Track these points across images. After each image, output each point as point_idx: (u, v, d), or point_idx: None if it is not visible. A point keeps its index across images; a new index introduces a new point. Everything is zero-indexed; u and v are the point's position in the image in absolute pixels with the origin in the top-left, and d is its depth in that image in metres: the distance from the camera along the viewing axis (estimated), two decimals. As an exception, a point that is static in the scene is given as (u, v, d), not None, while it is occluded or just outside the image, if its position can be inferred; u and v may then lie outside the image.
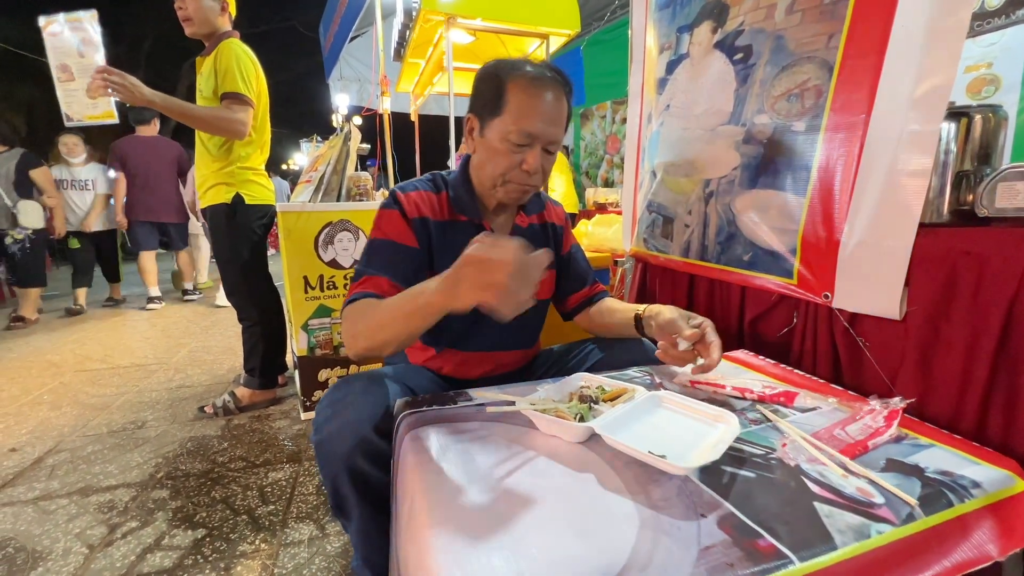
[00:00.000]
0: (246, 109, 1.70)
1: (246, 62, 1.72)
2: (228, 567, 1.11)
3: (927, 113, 0.72)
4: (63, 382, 2.35)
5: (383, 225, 0.88)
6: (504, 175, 0.86)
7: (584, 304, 1.07)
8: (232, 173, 1.78)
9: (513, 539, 0.46)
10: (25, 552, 1.17)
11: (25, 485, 1.46)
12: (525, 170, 0.85)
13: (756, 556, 0.43)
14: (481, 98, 0.86)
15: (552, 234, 1.06)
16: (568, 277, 1.08)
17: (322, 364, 1.85)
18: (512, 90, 0.82)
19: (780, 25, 0.94)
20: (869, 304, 0.82)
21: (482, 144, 0.87)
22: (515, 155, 0.84)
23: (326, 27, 4.48)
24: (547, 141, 0.84)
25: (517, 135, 0.82)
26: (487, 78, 0.86)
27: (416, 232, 0.88)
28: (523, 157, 0.84)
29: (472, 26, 2.28)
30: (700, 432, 0.65)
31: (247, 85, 1.70)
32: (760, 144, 0.98)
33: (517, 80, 0.83)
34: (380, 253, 0.86)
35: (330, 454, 0.71)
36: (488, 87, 0.85)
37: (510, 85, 0.83)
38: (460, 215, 0.93)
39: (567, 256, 1.08)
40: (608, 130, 5.03)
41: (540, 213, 1.06)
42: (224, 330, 3.24)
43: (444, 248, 0.91)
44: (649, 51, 1.34)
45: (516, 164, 0.85)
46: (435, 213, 0.91)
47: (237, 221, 1.80)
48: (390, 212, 0.89)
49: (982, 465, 0.58)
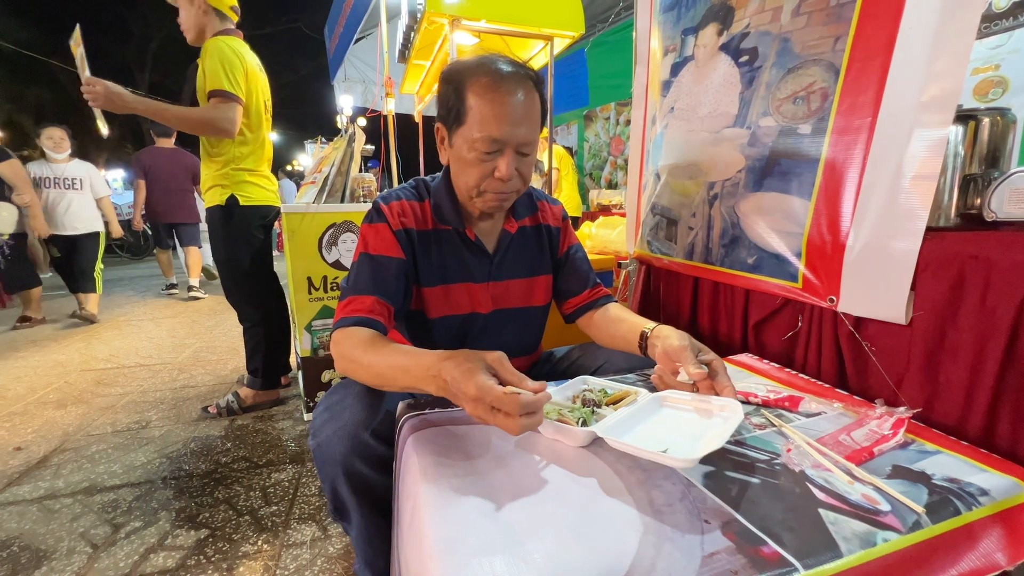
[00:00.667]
0: (233, 107, 1.68)
1: (231, 59, 1.68)
2: (231, 568, 1.11)
3: (935, 116, 0.71)
4: (68, 381, 2.37)
5: (368, 240, 0.86)
6: (478, 186, 0.82)
7: (585, 308, 1.02)
8: (227, 175, 1.78)
9: (515, 543, 0.46)
10: (30, 551, 1.18)
11: (30, 484, 1.47)
12: (499, 178, 0.80)
13: (760, 563, 0.43)
14: (444, 106, 0.82)
15: (547, 236, 1.01)
16: (566, 279, 1.04)
17: (325, 365, 1.86)
18: (472, 95, 0.77)
19: (786, 27, 0.93)
20: (875, 308, 0.82)
21: (452, 155, 0.84)
22: (486, 163, 0.79)
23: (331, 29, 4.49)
24: (518, 143, 0.79)
25: (483, 143, 0.77)
26: (446, 85, 0.81)
27: (402, 244, 0.86)
28: (494, 164, 0.79)
29: (476, 28, 2.28)
30: (704, 425, 0.65)
31: (232, 82, 1.67)
32: (765, 147, 0.97)
33: (476, 83, 0.77)
34: (364, 271, 0.83)
35: (328, 458, 0.71)
36: (448, 94, 0.80)
37: (469, 90, 0.77)
38: (443, 224, 0.90)
39: (564, 257, 1.03)
40: (612, 132, 5.02)
41: (533, 215, 1.01)
42: (228, 331, 3.26)
43: (427, 258, 0.89)
44: (654, 53, 1.34)
45: (488, 172, 0.80)
46: (418, 223, 0.89)
47: (233, 223, 1.80)
48: (375, 226, 0.86)
49: (990, 472, 0.57)
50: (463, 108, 0.78)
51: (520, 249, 0.98)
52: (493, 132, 0.77)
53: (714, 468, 0.58)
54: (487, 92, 0.76)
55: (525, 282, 0.99)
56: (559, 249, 1.04)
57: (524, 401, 0.54)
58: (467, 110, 0.78)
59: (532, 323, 1.03)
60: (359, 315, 0.79)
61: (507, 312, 0.96)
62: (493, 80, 0.77)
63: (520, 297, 0.98)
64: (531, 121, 0.80)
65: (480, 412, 0.56)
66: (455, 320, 0.93)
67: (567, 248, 1.05)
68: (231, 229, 1.81)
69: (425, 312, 0.91)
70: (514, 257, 0.97)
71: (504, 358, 0.60)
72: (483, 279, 0.94)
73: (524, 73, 0.80)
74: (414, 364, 0.65)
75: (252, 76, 1.78)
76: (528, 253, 0.99)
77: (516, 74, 0.79)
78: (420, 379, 0.64)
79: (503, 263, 0.96)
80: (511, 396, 0.54)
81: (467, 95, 0.78)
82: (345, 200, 1.90)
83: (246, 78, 1.74)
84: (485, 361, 0.59)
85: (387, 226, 0.86)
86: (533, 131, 0.81)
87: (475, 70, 0.78)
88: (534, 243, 1.00)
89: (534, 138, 0.81)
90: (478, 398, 0.56)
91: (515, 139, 0.78)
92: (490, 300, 0.94)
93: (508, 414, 0.55)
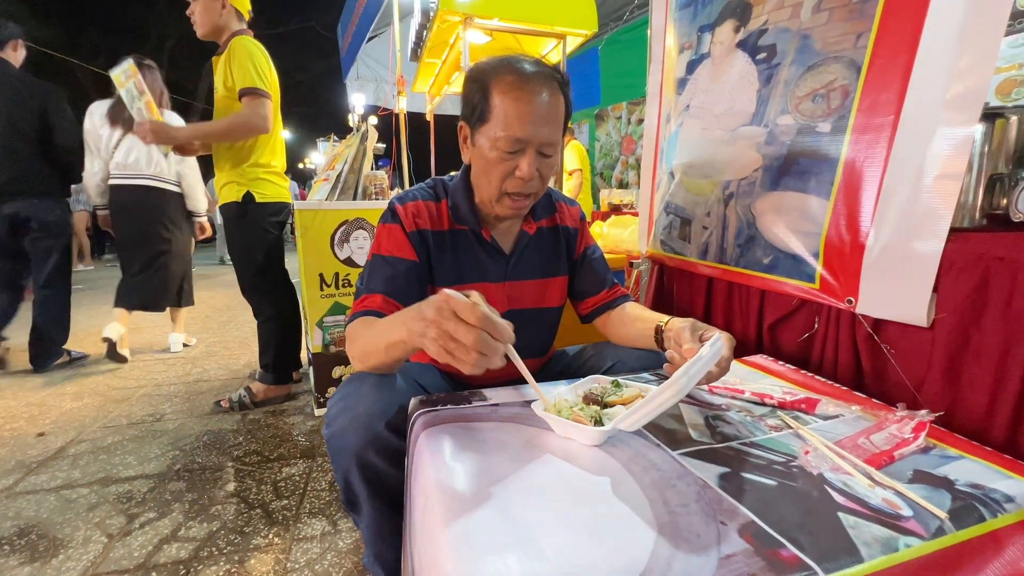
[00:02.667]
0: (264, 103, 1.74)
1: (259, 57, 1.75)
2: (242, 560, 1.12)
3: (961, 114, 0.70)
4: (84, 373, 2.41)
5: (382, 240, 0.87)
6: (499, 186, 0.82)
7: (602, 309, 1.03)
8: (242, 172, 1.81)
9: (528, 541, 0.45)
10: (47, 539, 1.20)
11: (48, 473, 1.50)
12: (519, 177, 0.80)
13: (779, 567, 0.42)
14: (469, 104, 0.82)
15: (564, 237, 1.02)
16: (583, 280, 1.04)
17: (336, 361, 1.87)
18: (497, 94, 0.77)
19: (806, 24, 0.92)
20: (895, 310, 0.80)
21: (475, 153, 0.84)
22: (507, 162, 0.79)
23: (344, 27, 4.53)
24: (540, 143, 0.79)
25: (506, 141, 0.77)
26: (471, 83, 0.81)
27: (415, 245, 0.86)
28: (516, 164, 0.79)
29: (489, 26, 2.29)
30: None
31: (262, 78, 1.73)
32: (783, 145, 0.96)
33: (501, 82, 0.77)
34: (377, 271, 0.85)
35: (342, 448, 0.72)
36: (473, 92, 0.80)
37: (494, 88, 0.77)
38: (460, 224, 0.90)
39: (581, 258, 1.04)
40: (624, 131, 5.00)
41: (551, 216, 1.01)
42: (240, 326, 3.29)
43: (443, 258, 0.89)
44: (669, 51, 1.33)
45: (510, 171, 0.80)
46: (434, 223, 0.89)
47: (248, 219, 1.83)
48: (389, 227, 0.87)
49: (1015, 479, 0.55)
50: (487, 106, 0.78)
51: (536, 250, 0.98)
52: (516, 131, 0.77)
53: (729, 469, 0.57)
54: (512, 91, 0.77)
55: (540, 283, 0.99)
56: (576, 251, 1.04)
57: (484, 312, 0.54)
58: (491, 108, 0.78)
59: (546, 324, 1.03)
60: (368, 310, 0.82)
61: (521, 312, 0.96)
62: (518, 79, 0.77)
63: (535, 298, 0.98)
64: (554, 122, 0.80)
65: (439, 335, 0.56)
66: None
67: (584, 249, 1.05)
68: (246, 225, 1.84)
69: None
70: (530, 258, 0.97)
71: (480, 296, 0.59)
72: (499, 279, 0.94)
73: (550, 74, 0.80)
74: (399, 315, 0.68)
75: (274, 75, 1.83)
76: (544, 254, 1.00)
77: (542, 74, 0.79)
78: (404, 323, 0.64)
79: (519, 264, 0.96)
80: (473, 306, 0.54)
81: (492, 93, 0.78)
82: (357, 197, 1.91)
83: (271, 76, 1.80)
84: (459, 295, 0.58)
85: (400, 227, 0.87)
86: (556, 132, 0.81)
87: (501, 69, 0.79)
88: (551, 244, 1.00)
89: (557, 139, 0.81)
90: (440, 307, 0.56)
91: (538, 139, 0.78)
92: (505, 300, 0.95)
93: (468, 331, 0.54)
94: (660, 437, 0.65)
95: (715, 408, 0.74)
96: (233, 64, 1.72)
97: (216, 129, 1.77)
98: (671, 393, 0.57)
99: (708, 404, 0.76)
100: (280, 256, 1.96)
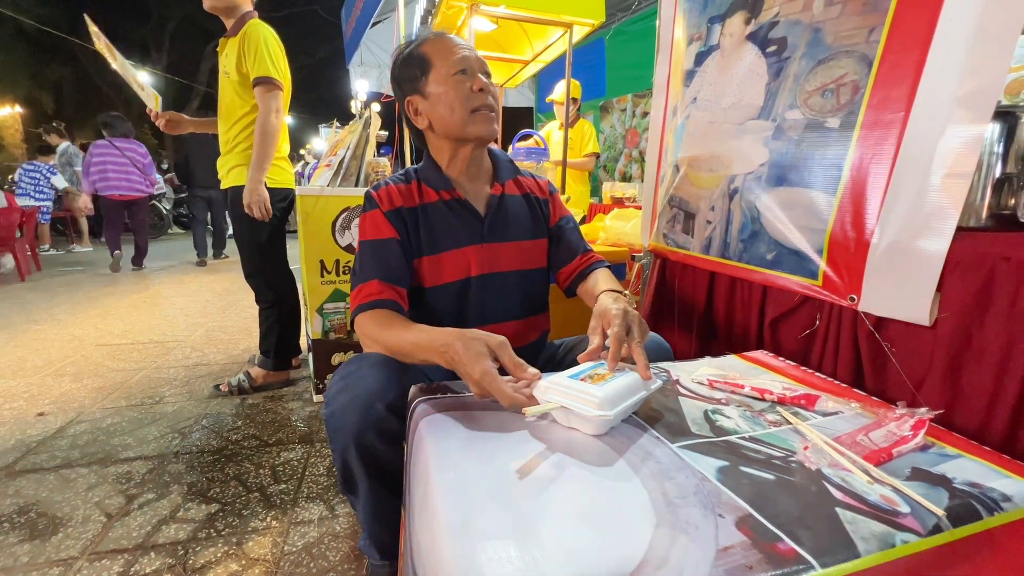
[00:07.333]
0: (277, 95, 1.72)
1: (273, 45, 1.73)
2: (240, 542, 1.13)
3: (972, 112, 0.69)
4: (84, 355, 2.42)
5: (366, 228, 0.93)
6: (466, 107, 0.91)
7: (578, 279, 1.05)
8: (250, 156, 1.78)
9: (527, 528, 0.45)
10: (47, 518, 1.21)
11: (47, 453, 1.50)
12: (479, 88, 0.91)
13: (776, 560, 0.42)
14: (409, 77, 0.94)
15: (537, 205, 1.06)
16: (558, 251, 1.07)
17: (335, 348, 1.87)
18: (427, 48, 0.92)
19: (818, 17, 0.90)
20: (898, 308, 0.80)
21: (433, 103, 0.92)
22: (463, 84, 0.90)
23: (348, 12, 4.46)
24: (480, 67, 0.92)
25: (453, 66, 0.90)
26: (404, 62, 0.94)
27: (394, 223, 0.92)
28: (469, 83, 0.91)
29: (495, 13, 2.26)
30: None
31: (276, 67, 1.72)
32: (790, 140, 0.95)
33: (426, 43, 0.93)
34: (367, 256, 0.90)
35: (340, 427, 0.72)
36: (410, 63, 0.93)
37: (423, 48, 0.92)
38: (433, 195, 0.96)
39: (555, 228, 1.08)
40: (628, 124, 4.96)
41: (516, 180, 1.06)
42: (241, 311, 3.29)
43: (418, 231, 0.94)
44: (677, 42, 1.31)
45: (468, 90, 0.91)
46: (407, 200, 0.95)
47: None
48: (369, 214, 0.93)
49: (1013, 478, 0.56)
50: (426, 61, 0.91)
51: (510, 213, 1.02)
52: (457, 57, 0.91)
53: (728, 463, 0.57)
54: (437, 39, 0.93)
55: (519, 245, 1.02)
56: (552, 219, 1.08)
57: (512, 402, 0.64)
58: (430, 59, 0.91)
59: (531, 286, 1.04)
60: (371, 299, 0.85)
61: (505, 276, 0.99)
62: (434, 34, 0.94)
63: (515, 259, 1.01)
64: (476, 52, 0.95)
65: (479, 392, 0.67)
66: (452, 287, 0.96)
67: (559, 219, 1.09)
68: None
69: (422, 283, 0.95)
70: (505, 220, 1.00)
71: (506, 344, 0.69)
72: (475, 241, 0.97)
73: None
74: (427, 340, 0.74)
75: (286, 62, 1.81)
76: (519, 218, 1.03)
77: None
78: (432, 352, 0.72)
79: (495, 226, 0.98)
80: (504, 391, 0.64)
81: (424, 52, 0.92)
82: (359, 184, 1.90)
83: (283, 63, 1.78)
84: (489, 346, 0.68)
85: (379, 211, 0.93)
86: (484, 62, 0.95)
87: (417, 41, 0.94)
88: (523, 210, 1.04)
89: (488, 68, 0.95)
90: (479, 382, 0.66)
91: (476, 63, 0.92)
92: (486, 263, 0.97)
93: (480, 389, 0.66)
94: (660, 430, 0.66)
95: (715, 402, 0.75)
96: (248, 49, 1.69)
97: (263, 153, 1.73)
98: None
99: (708, 398, 0.76)
100: (283, 242, 1.96)
